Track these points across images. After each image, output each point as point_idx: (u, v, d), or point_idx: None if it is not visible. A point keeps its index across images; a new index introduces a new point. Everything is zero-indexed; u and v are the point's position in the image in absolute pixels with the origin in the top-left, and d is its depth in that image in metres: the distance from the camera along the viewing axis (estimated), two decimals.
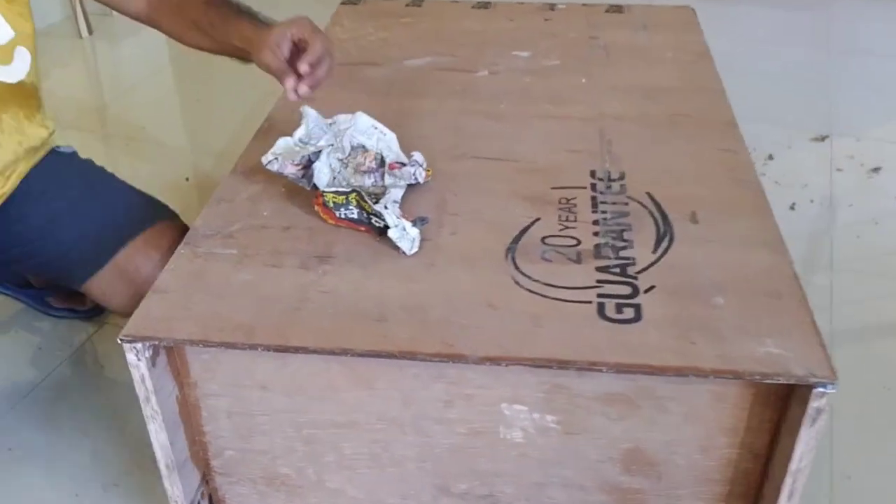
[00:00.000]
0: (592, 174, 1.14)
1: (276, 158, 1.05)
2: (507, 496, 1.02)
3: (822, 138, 2.10)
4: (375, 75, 1.44)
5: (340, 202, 1.00)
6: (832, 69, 2.51)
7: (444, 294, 0.93)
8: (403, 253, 0.98)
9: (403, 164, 1.09)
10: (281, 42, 1.09)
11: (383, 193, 1.07)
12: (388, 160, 1.10)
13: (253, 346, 0.86)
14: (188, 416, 1.00)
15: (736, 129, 1.24)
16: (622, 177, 1.13)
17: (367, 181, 1.10)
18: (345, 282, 0.95)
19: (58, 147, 1.35)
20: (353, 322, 0.89)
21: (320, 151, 1.03)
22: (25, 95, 1.23)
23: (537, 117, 1.29)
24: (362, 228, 1.02)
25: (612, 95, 1.35)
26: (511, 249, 1.00)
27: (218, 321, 0.89)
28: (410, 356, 0.85)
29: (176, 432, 0.97)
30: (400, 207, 1.03)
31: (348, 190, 1.00)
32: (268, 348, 0.86)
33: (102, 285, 1.25)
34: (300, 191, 1.10)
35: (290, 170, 1.05)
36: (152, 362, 0.90)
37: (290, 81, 1.07)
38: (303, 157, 1.04)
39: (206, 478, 1.06)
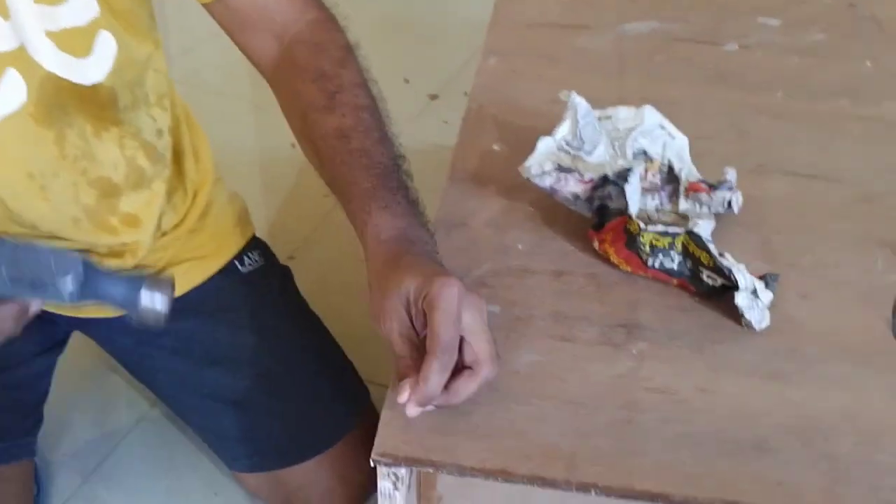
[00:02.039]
0: None
1: (551, 170, 0.74)
2: None
3: None
4: (592, 45, 1.11)
5: (662, 246, 0.69)
6: None
7: (840, 406, 0.63)
8: (748, 326, 0.68)
9: (711, 186, 0.77)
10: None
11: (675, 223, 0.76)
12: (682, 176, 0.79)
13: (583, 488, 0.57)
14: None
15: None
16: None
17: (650, 203, 0.79)
18: (680, 375, 0.65)
19: (246, 254, 0.99)
20: (720, 451, 0.59)
21: (629, 170, 0.72)
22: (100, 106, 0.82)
23: (834, 117, 0.96)
24: (675, 282, 0.72)
25: None
26: None
27: (519, 441, 0.59)
28: None
29: None
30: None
31: (679, 231, 0.69)
32: (605, 492, 0.57)
33: (246, 479, 1.00)
34: (557, 212, 0.79)
35: (572, 188, 0.73)
36: (408, 486, 0.61)
37: (408, 387, 0.58)
38: (600, 174, 0.72)
39: None
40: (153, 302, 0.60)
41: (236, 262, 0.96)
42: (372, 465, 0.57)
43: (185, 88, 1.03)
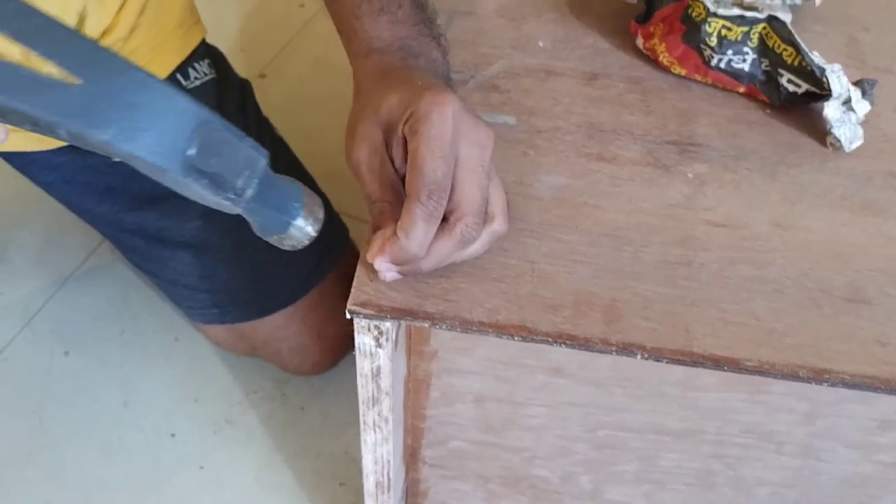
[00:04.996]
0: None
1: None
2: None
3: None
4: None
5: (733, 39, 0.53)
6: None
7: None
8: (835, 146, 0.53)
9: None
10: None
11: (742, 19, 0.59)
12: None
13: (626, 349, 0.43)
14: (408, 399, 0.59)
15: None
16: None
17: None
18: (749, 205, 0.50)
19: (192, 65, 0.78)
20: (803, 302, 0.45)
21: None
22: None
23: None
24: (742, 88, 0.56)
25: None
26: None
27: (540, 287, 0.45)
28: None
29: (398, 434, 0.57)
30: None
31: (760, 17, 0.52)
32: (655, 355, 0.43)
33: (207, 330, 0.86)
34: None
35: None
36: (395, 344, 0.48)
37: (380, 240, 0.43)
38: None
39: (408, 469, 0.67)
40: (305, 228, 0.41)
41: (178, 76, 0.77)
42: (348, 317, 0.44)
43: None
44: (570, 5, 0.62)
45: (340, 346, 0.80)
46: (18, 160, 0.77)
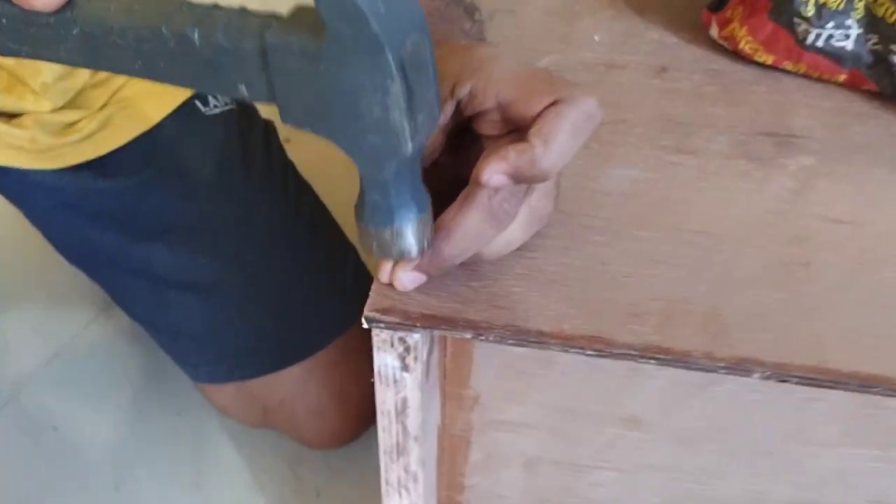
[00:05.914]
0: None
1: None
2: None
3: None
4: None
5: (835, 7, 0.44)
6: None
7: None
8: None
9: None
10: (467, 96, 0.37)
11: None
12: None
13: (739, 367, 0.33)
14: (442, 463, 0.48)
15: None
16: None
17: None
18: (874, 200, 0.40)
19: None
20: None
21: None
22: None
23: None
24: (843, 75, 0.47)
25: None
26: None
27: (617, 293, 0.35)
28: None
29: (430, 499, 0.45)
30: None
31: None
32: (777, 373, 0.33)
33: (214, 393, 0.75)
34: None
35: None
36: (427, 371, 0.37)
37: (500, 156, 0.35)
38: None
39: None
40: (416, 235, 0.33)
41: (197, 102, 0.71)
42: (365, 325, 0.34)
43: None
44: (630, 2, 0.54)
45: (364, 413, 0.69)
46: (17, 183, 0.70)
